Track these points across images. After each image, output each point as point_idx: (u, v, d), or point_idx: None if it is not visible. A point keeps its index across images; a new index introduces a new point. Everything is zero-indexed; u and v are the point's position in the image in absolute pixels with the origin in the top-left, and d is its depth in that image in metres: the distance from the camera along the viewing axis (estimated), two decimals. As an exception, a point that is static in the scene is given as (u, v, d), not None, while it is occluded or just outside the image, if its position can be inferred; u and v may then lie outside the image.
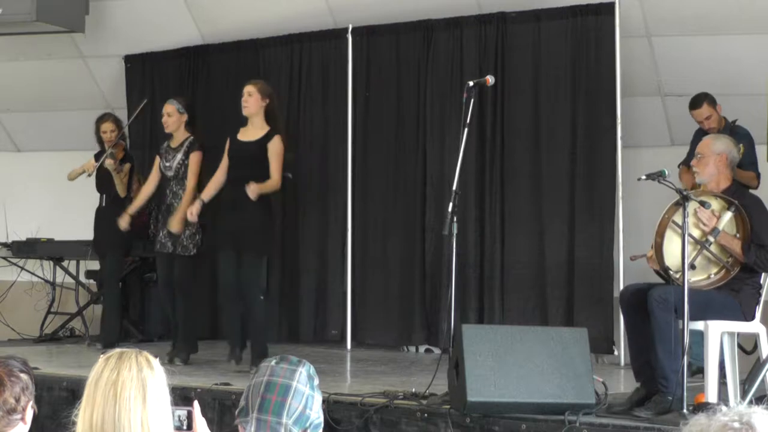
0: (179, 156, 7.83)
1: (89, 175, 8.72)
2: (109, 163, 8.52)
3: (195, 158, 7.71)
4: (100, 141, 8.79)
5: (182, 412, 2.74)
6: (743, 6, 7.63)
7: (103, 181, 8.67)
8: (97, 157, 8.81)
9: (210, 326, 9.52)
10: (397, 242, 8.69)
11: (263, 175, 7.22)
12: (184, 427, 2.75)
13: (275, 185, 7.29)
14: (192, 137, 7.81)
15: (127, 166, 8.74)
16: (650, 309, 5.21)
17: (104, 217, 8.70)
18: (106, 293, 8.86)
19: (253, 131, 7.37)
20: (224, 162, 7.46)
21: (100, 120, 8.80)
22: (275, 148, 7.25)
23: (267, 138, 7.27)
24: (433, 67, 8.60)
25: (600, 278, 7.85)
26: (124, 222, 8.14)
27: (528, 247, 8.17)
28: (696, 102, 7.38)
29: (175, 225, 7.57)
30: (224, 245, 7.36)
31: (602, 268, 7.84)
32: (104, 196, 8.76)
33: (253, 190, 7.11)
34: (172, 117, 7.92)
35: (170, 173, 7.81)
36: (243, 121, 7.48)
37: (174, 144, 7.88)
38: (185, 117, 7.94)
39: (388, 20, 8.74)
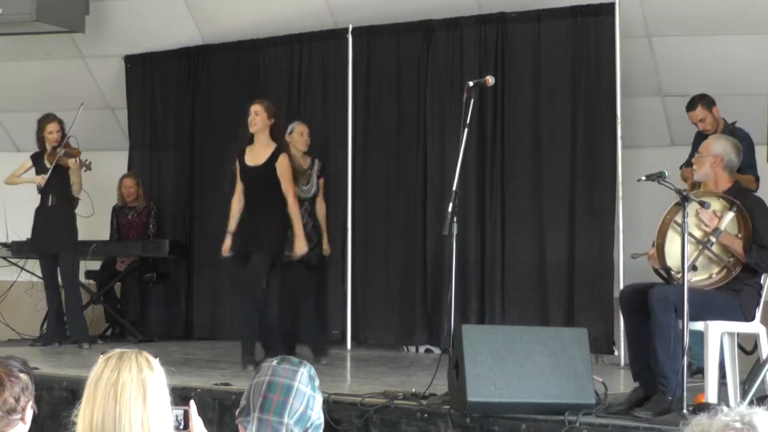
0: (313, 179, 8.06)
1: (42, 186, 8.59)
2: (73, 163, 8.49)
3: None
4: (41, 141, 8.69)
5: (179, 412, 2.73)
6: (743, 6, 7.63)
7: (50, 181, 8.57)
8: (35, 158, 8.75)
9: (210, 326, 9.54)
10: (397, 242, 8.69)
11: (276, 195, 7.42)
12: (181, 427, 2.74)
13: (294, 205, 7.47)
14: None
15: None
16: (650, 308, 5.20)
17: (54, 217, 8.64)
18: (71, 292, 8.73)
19: (259, 150, 7.51)
20: (238, 187, 7.60)
21: (44, 120, 8.71)
22: (282, 168, 7.42)
23: (273, 158, 7.44)
24: (433, 67, 8.60)
25: (600, 278, 7.85)
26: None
27: (528, 247, 8.17)
28: (691, 104, 7.37)
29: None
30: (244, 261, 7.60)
31: (602, 268, 7.84)
32: (51, 196, 8.64)
33: (299, 252, 7.48)
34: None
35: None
36: (250, 139, 7.56)
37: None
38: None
39: (388, 20, 8.74)
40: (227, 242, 7.58)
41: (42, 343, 8.70)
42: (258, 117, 7.48)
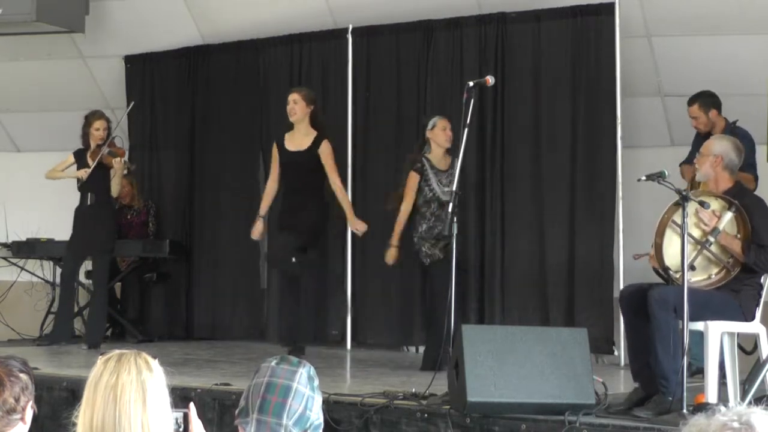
0: None
1: (84, 180, 8.47)
2: (117, 162, 8.43)
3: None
4: (86, 137, 8.59)
5: (179, 415, 2.72)
6: (743, 6, 7.63)
7: (90, 179, 8.49)
8: (77, 155, 8.62)
9: (210, 326, 9.53)
10: (397, 242, 8.68)
11: (316, 182, 7.63)
12: (181, 430, 2.73)
13: (341, 189, 7.70)
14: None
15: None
16: (650, 309, 5.20)
17: (93, 218, 8.54)
18: (100, 294, 8.71)
19: (300, 138, 7.70)
20: (275, 171, 7.81)
21: (92, 116, 8.61)
22: (326, 153, 7.61)
23: (316, 144, 7.63)
24: (433, 67, 8.60)
25: (600, 278, 7.85)
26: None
27: (528, 247, 8.17)
28: (691, 100, 7.37)
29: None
30: (287, 252, 7.72)
31: (602, 268, 7.84)
32: (90, 195, 8.55)
33: (360, 229, 7.72)
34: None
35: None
36: (289, 126, 7.79)
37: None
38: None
39: (388, 20, 8.74)
40: (258, 226, 7.86)
41: (48, 342, 8.64)
42: (297, 106, 7.66)
